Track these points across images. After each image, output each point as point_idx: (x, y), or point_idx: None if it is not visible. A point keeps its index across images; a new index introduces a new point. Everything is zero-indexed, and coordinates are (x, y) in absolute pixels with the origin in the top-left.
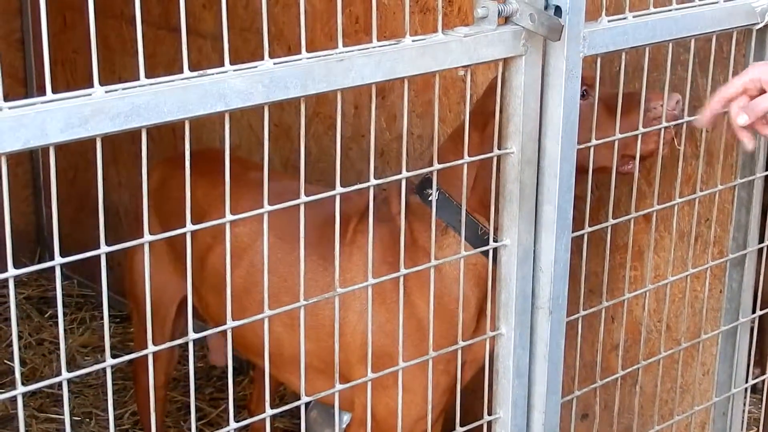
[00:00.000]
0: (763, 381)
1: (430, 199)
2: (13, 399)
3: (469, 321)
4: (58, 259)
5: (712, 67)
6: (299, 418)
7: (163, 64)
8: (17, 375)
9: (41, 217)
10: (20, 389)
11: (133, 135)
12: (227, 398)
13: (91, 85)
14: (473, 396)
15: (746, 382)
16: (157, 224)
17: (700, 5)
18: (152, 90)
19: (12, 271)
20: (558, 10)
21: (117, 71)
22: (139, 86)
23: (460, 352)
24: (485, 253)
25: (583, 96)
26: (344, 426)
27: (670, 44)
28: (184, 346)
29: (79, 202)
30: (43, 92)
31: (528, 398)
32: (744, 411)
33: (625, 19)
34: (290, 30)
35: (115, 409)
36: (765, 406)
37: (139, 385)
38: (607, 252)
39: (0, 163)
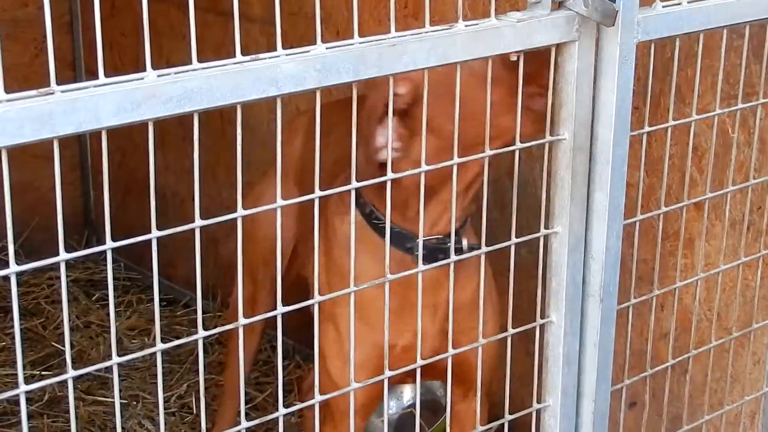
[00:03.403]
0: None
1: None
2: (62, 382)
3: (374, 299)
4: (110, 244)
5: (766, 54)
6: None
7: (210, 49)
8: (68, 359)
9: (89, 200)
10: (71, 373)
11: (180, 118)
12: (275, 384)
13: (141, 69)
14: (521, 383)
15: None
16: (295, 185)
17: None
18: (204, 74)
19: (63, 255)
20: None
21: (165, 55)
22: (191, 70)
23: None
24: (403, 249)
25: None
26: (405, 405)
27: (724, 30)
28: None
29: (125, 185)
30: (91, 76)
31: (578, 386)
32: None
33: (679, 4)
34: (338, 14)
35: (162, 392)
36: None
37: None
38: (659, 240)
39: (53, 146)
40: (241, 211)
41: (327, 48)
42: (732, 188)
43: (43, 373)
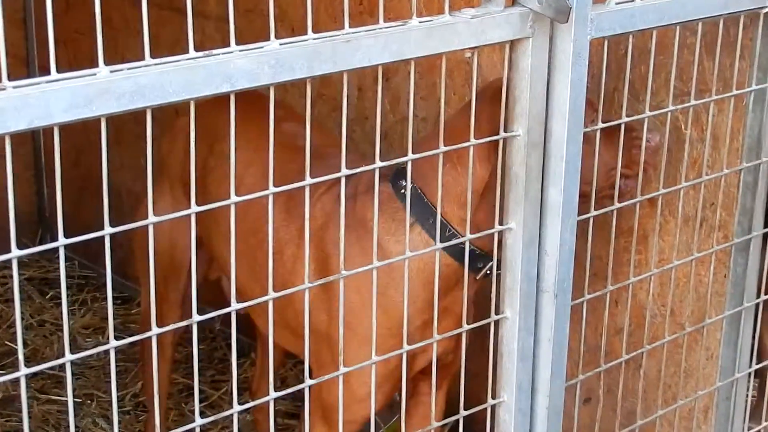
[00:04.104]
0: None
1: (402, 191)
2: (16, 380)
3: (417, 316)
4: (63, 240)
5: (718, 51)
6: (301, 401)
7: (166, 46)
8: (20, 356)
9: (43, 198)
10: (23, 371)
11: (136, 116)
12: (230, 380)
13: (96, 66)
14: (477, 380)
15: (750, 366)
16: (184, 193)
17: None
18: (158, 70)
19: (15, 252)
20: None
21: (120, 52)
22: (145, 66)
23: (404, 356)
24: (453, 254)
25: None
26: None
27: (677, 27)
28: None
29: (81, 183)
30: (45, 72)
31: (532, 382)
32: (747, 396)
33: (632, 1)
34: (294, 11)
35: (117, 390)
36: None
37: (144, 347)
38: (612, 236)
39: (4, 143)
40: (194, 208)
41: (281, 44)
42: (685, 184)
43: None
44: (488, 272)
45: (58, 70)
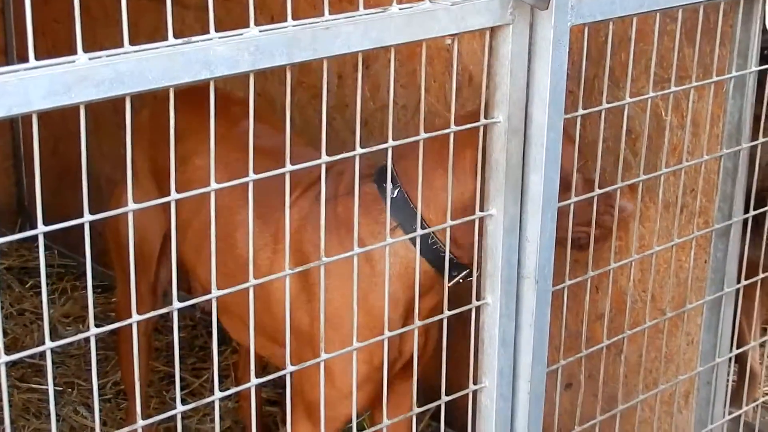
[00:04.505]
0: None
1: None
2: None
3: (396, 319)
4: (42, 228)
5: (698, 38)
6: (283, 388)
7: (145, 34)
8: (0, 345)
9: (22, 187)
10: (3, 359)
11: (115, 105)
12: (211, 368)
13: (74, 54)
14: (458, 365)
15: (730, 351)
16: (153, 182)
17: None
18: (137, 57)
19: None
20: None
21: (99, 41)
22: (124, 53)
23: (386, 344)
24: (430, 261)
25: None
26: None
27: (658, 14)
28: (167, 289)
29: (59, 172)
30: (23, 61)
31: (513, 367)
32: (728, 380)
33: None
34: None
35: (97, 378)
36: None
37: (122, 336)
38: (593, 221)
39: None
40: (174, 195)
41: (260, 31)
42: (665, 171)
43: None
44: (461, 281)
45: (38, 60)
